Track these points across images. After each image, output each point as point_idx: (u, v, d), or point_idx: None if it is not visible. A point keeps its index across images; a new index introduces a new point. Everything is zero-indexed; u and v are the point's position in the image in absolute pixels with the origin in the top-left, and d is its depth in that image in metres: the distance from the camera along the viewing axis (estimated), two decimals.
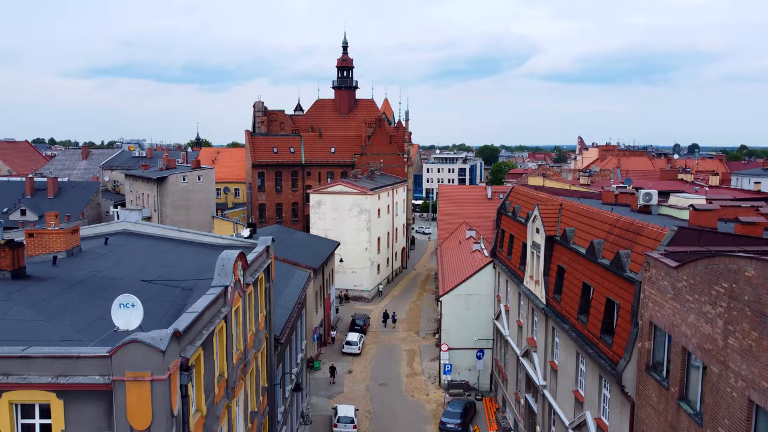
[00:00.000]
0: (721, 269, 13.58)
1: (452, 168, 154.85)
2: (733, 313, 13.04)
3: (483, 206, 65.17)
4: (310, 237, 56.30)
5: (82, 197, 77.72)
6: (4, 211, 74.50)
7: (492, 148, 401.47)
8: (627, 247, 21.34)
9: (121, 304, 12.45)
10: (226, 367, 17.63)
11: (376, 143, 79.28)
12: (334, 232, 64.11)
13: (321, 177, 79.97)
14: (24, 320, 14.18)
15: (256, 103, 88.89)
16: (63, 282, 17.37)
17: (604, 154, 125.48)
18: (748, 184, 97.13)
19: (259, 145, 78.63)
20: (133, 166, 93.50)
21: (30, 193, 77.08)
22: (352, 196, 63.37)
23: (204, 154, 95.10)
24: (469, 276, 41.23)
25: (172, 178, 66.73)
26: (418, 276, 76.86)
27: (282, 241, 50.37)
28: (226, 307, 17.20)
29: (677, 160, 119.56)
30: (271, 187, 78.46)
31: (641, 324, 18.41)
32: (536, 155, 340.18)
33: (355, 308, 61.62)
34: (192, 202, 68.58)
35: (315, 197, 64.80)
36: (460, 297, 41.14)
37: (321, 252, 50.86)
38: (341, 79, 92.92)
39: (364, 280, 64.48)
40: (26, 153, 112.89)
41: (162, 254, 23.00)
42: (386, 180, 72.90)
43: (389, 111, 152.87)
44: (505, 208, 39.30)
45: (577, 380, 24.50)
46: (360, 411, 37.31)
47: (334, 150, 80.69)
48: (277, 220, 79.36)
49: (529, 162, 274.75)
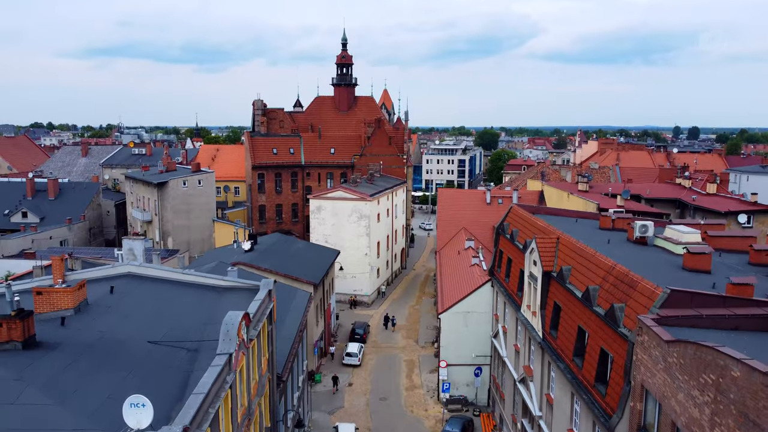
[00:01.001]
0: (710, 360, 14.06)
1: (452, 159, 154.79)
2: (720, 406, 13.55)
3: (482, 211, 65.52)
4: (310, 246, 56.72)
5: (83, 198, 78.08)
6: (6, 213, 74.93)
7: (491, 133, 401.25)
8: (621, 300, 21.80)
9: (132, 404, 12.95)
10: (232, 428, 18.21)
11: (375, 144, 79.38)
12: (334, 237, 64.67)
13: (321, 177, 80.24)
14: (35, 405, 14.68)
15: (255, 101, 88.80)
16: (72, 348, 17.86)
17: (603, 147, 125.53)
18: (746, 182, 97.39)
19: (259, 147, 78.73)
20: (133, 164, 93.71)
21: (31, 194, 77.46)
22: (351, 201, 63.70)
23: (203, 153, 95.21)
24: (467, 294, 41.77)
25: (172, 182, 67.00)
26: (417, 277, 77.50)
27: (282, 252, 51.00)
28: (231, 375, 17.72)
29: (677, 154, 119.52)
30: (271, 189, 78.73)
31: (633, 385, 18.96)
32: (536, 141, 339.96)
33: (355, 314, 62.33)
34: (193, 206, 68.95)
35: (315, 203, 65.17)
36: (459, 315, 41.74)
37: (321, 263, 51.38)
38: (340, 76, 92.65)
39: (364, 284, 65.09)
40: (25, 148, 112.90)
41: (167, 303, 23.46)
42: (386, 183, 73.18)
43: (388, 101, 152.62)
44: (504, 229, 39.73)
45: (572, 419, 25.14)
46: (360, 429, 38.12)
47: (333, 151, 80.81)
48: (277, 221, 79.81)
49: (528, 150, 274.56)
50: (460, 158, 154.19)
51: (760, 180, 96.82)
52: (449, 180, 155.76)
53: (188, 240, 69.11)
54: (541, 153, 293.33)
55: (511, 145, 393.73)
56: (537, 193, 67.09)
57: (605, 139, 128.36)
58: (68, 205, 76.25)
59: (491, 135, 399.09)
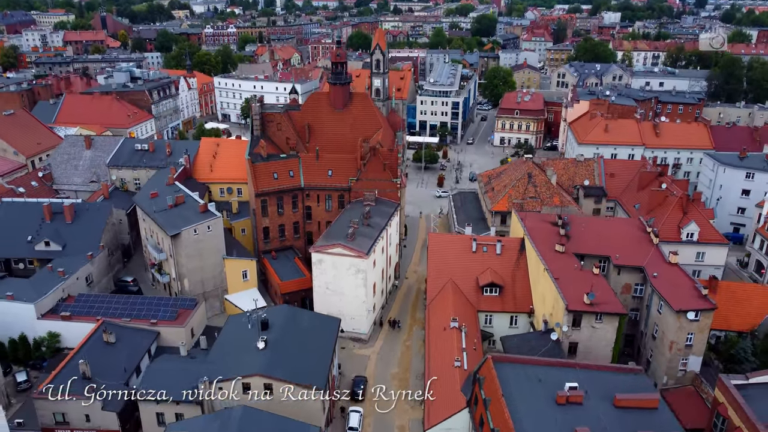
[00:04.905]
0: None
1: (446, 101, 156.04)
2: None
3: (467, 259, 72.53)
4: (314, 322, 64.01)
5: (98, 220, 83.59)
6: (29, 240, 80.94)
7: (490, 18, 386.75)
8: None
9: None
10: None
11: (371, 170, 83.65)
12: (334, 284, 72.32)
13: (320, 198, 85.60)
14: None
15: (253, 105, 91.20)
16: None
17: (594, 108, 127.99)
18: (723, 174, 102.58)
19: (260, 173, 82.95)
20: (138, 165, 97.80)
21: (49, 218, 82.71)
22: (349, 258, 70.35)
23: (204, 149, 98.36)
24: (447, 417, 50.55)
25: (185, 233, 72.85)
26: (409, 292, 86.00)
27: (291, 339, 58.77)
28: None
29: (662, 124, 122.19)
30: (273, 212, 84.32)
31: None
32: (535, 31, 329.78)
33: (354, 354, 71.68)
34: (204, 249, 75.39)
35: (317, 256, 71.76)
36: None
37: (325, 349, 59.44)
38: (335, 74, 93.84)
39: (362, 324, 73.77)
40: (27, 125, 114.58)
41: None
42: (381, 216, 78.77)
43: (383, 42, 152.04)
44: (479, 383, 47.60)
45: None
46: None
47: (331, 173, 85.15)
48: (280, 239, 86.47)
49: (525, 53, 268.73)
50: (454, 100, 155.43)
51: (735, 174, 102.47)
52: (443, 121, 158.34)
53: (202, 279, 76.51)
54: (537, 55, 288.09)
55: (509, 30, 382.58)
56: (518, 243, 73.55)
57: (596, 100, 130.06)
58: (86, 231, 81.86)
59: (489, 20, 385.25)
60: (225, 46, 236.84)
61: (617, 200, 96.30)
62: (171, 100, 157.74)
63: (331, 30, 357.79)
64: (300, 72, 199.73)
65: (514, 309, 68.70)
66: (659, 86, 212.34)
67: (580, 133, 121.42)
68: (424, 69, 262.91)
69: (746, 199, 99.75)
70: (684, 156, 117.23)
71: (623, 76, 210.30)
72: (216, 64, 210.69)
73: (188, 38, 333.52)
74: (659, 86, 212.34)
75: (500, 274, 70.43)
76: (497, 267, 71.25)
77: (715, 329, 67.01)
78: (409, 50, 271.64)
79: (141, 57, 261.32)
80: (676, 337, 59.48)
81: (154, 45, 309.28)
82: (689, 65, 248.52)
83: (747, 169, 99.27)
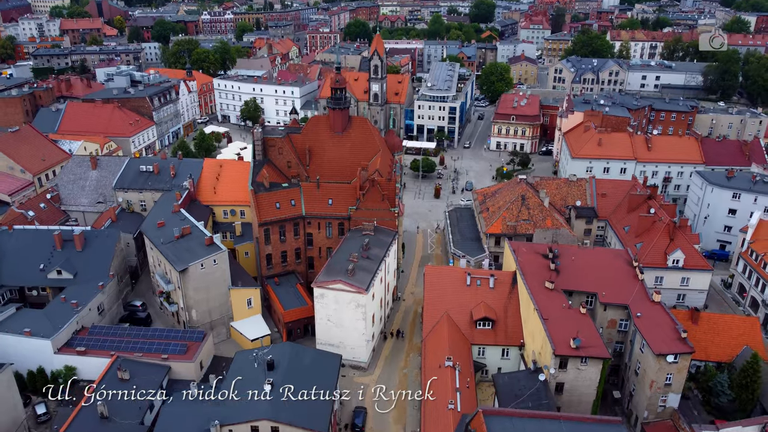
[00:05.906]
0: None
1: (443, 106, 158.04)
2: None
3: (461, 292, 76.16)
4: (316, 360, 67.71)
5: (107, 247, 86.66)
6: (41, 269, 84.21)
7: (487, 3, 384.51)
8: None
9: None
10: None
11: (369, 200, 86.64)
12: (335, 317, 76.04)
13: (321, 226, 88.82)
14: None
15: (254, 131, 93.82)
16: None
17: (588, 120, 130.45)
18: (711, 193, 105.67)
19: (263, 203, 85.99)
20: (144, 188, 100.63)
21: (60, 246, 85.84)
22: (349, 294, 73.93)
23: (207, 170, 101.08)
24: None
25: (192, 268, 76.20)
26: (406, 315, 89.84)
27: (296, 379, 62.56)
28: None
29: (654, 137, 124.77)
30: (276, 240, 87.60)
31: None
32: (533, 18, 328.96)
33: (354, 382, 75.73)
34: (210, 282, 78.81)
35: (318, 291, 75.30)
36: None
37: (328, 387, 63.27)
38: (335, 100, 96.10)
39: (361, 353, 77.71)
40: (32, 141, 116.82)
41: None
42: (379, 246, 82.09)
43: (381, 47, 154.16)
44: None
45: None
46: None
47: (331, 202, 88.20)
48: (283, 264, 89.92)
49: (522, 44, 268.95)
50: (451, 105, 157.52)
51: (722, 194, 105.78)
52: (440, 126, 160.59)
53: (208, 309, 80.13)
54: (535, 45, 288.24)
55: (507, 16, 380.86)
56: (510, 277, 77.13)
57: (591, 112, 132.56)
58: (95, 259, 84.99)
59: (487, 5, 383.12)
60: (224, 42, 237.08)
61: (608, 221, 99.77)
62: (171, 105, 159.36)
63: (329, 17, 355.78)
64: (299, 69, 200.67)
65: (505, 342, 72.55)
66: (656, 80, 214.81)
67: (574, 146, 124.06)
68: (422, 61, 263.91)
69: (732, 218, 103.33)
70: (675, 170, 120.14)
71: (620, 72, 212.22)
72: (215, 61, 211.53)
73: (185, 26, 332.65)
74: (656, 80, 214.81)
75: (493, 308, 74.09)
76: (490, 300, 74.90)
77: (695, 359, 71.16)
78: (407, 42, 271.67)
79: (139, 48, 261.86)
80: (656, 377, 63.47)
81: (152, 33, 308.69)
82: (686, 57, 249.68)
83: (734, 189, 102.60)
